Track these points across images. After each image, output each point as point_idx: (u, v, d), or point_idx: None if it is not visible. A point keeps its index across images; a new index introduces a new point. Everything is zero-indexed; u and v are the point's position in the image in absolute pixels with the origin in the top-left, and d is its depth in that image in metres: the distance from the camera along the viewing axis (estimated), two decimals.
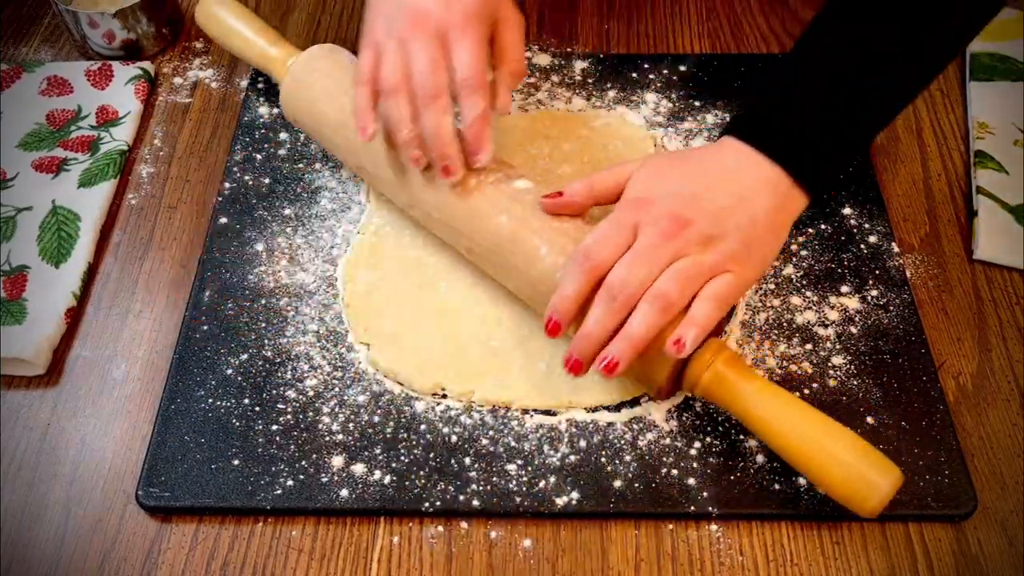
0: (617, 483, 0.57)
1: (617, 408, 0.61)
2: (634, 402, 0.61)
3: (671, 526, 0.57)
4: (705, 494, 0.57)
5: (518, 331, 0.64)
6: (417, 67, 0.58)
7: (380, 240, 0.70)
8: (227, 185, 0.73)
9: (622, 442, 0.59)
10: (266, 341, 0.64)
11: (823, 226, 0.70)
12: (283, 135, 0.76)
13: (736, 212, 0.56)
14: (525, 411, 0.61)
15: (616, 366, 0.53)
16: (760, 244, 0.57)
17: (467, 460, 0.58)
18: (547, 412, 0.61)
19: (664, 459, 0.58)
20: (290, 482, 0.57)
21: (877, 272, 0.67)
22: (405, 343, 0.64)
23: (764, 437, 0.55)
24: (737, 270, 0.55)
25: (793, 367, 0.62)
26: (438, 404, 0.61)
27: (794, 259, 0.68)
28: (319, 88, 0.69)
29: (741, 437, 0.59)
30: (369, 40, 0.61)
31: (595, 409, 0.61)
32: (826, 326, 0.65)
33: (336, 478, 0.58)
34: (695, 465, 0.58)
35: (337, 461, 0.58)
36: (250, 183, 0.73)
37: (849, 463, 0.52)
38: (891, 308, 0.65)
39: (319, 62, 0.70)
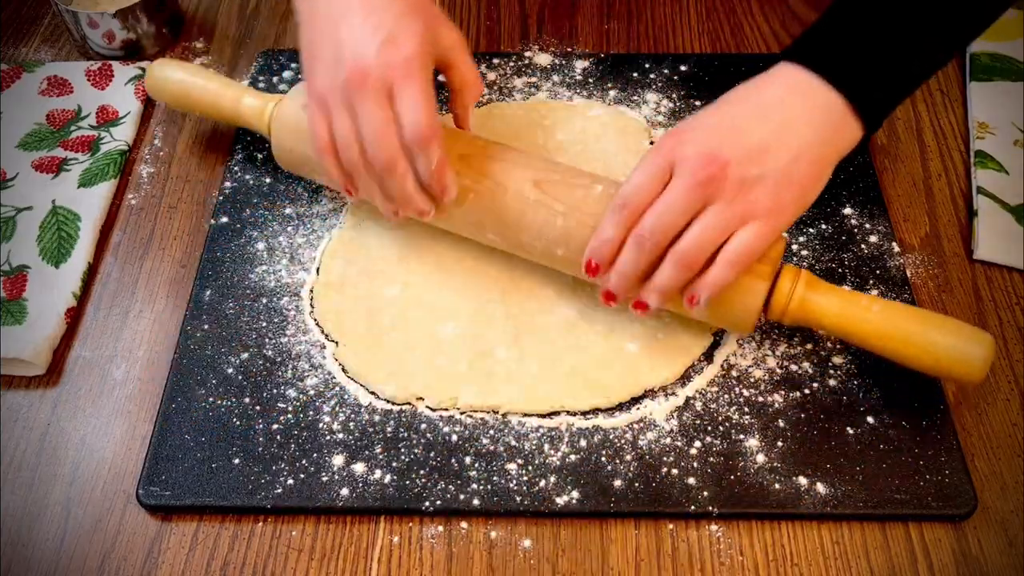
0: (617, 483, 0.57)
1: (613, 412, 0.61)
2: (631, 403, 0.61)
3: (671, 526, 0.57)
4: (705, 494, 0.57)
5: (509, 328, 0.64)
6: (367, 135, 0.57)
7: (360, 233, 0.69)
8: (227, 184, 0.73)
9: (622, 442, 0.59)
10: (267, 340, 0.64)
11: (823, 226, 0.70)
12: None
13: (777, 148, 0.54)
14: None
15: (645, 308, 0.57)
16: (798, 185, 0.55)
17: (467, 459, 0.58)
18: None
19: (664, 459, 0.58)
20: (290, 481, 0.57)
21: (877, 272, 0.67)
22: (377, 345, 0.63)
23: (863, 344, 0.58)
24: (766, 219, 0.54)
25: (793, 367, 0.62)
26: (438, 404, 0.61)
27: (794, 259, 0.68)
28: None
29: (741, 437, 0.59)
30: (316, 95, 0.59)
31: (591, 413, 0.60)
32: None
33: (336, 477, 0.58)
34: (695, 465, 0.58)
35: (337, 460, 0.58)
36: (251, 182, 0.73)
37: (951, 345, 0.56)
38: None
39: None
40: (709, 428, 0.60)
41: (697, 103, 0.78)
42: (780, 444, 0.59)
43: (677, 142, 0.55)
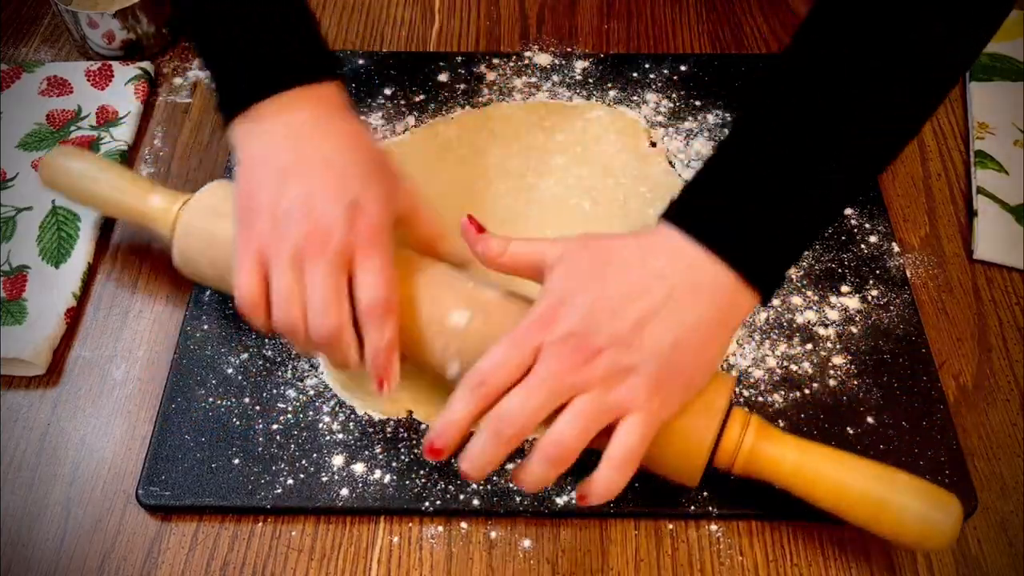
0: None
1: None
2: None
3: (671, 526, 0.57)
4: (705, 494, 0.57)
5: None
6: (316, 301, 0.52)
7: None
8: None
9: None
10: (266, 340, 0.64)
11: None
12: None
13: (659, 331, 0.48)
14: None
15: (527, 486, 0.50)
16: (681, 372, 0.49)
17: None
18: None
19: None
20: (290, 481, 0.57)
21: (877, 272, 0.67)
22: None
23: (815, 502, 0.53)
24: (647, 408, 0.48)
25: (793, 367, 0.62)
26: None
27: None
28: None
29: None
30: (252, 247, 0.53)
31: None
32: (826, 326, 0.65)
33: (336, 477, 0.58)
34: None
35: (337, 460, 0.58)
36: None
37: (911, 508, 0.50)
38: (891, 308, 0.65)
39: (222, 204, 0.60)
40: None
41: (697, 103, 0.78)
42: None
43: (543, 324, 0.49)
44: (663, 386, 0.49)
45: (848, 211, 0.71)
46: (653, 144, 0.75)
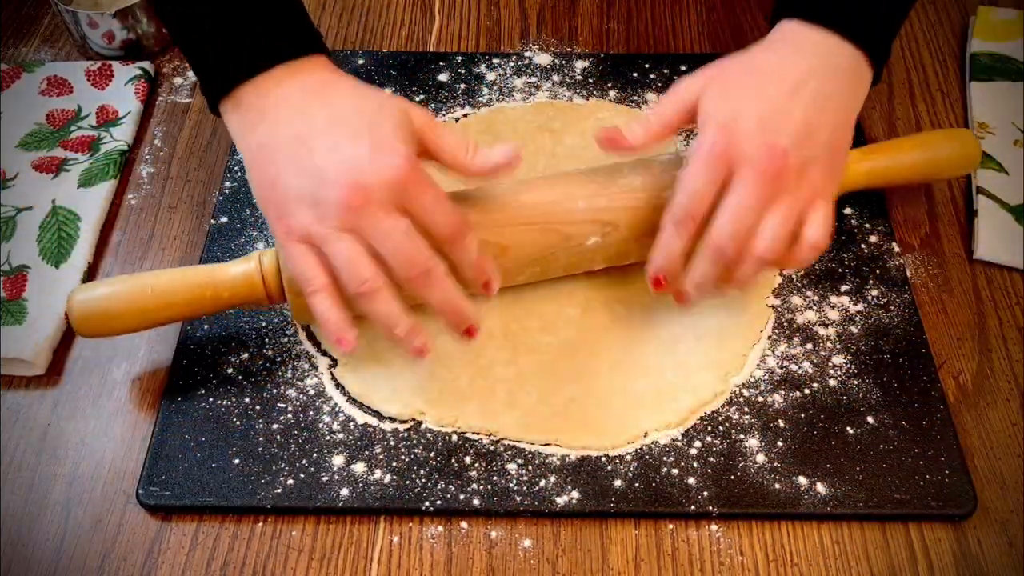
0: (617, 483, 0.57)
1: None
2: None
3: (671, 526, 0.57)
4: (705, 494, 0.57)
5: (507, 345, 0.63)
6: (392, 250, 0.51)
7: None
8: (227, 184, 0.73)
9: None
10: (267, 340, 0.64)
11: None
12: None
13: (820, 124, 0.54)
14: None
15: (703, 291, 0.56)
16: (842, 152, 0.57)
17: (467, 459, 0.58)
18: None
19: (664, 459, 0.58)
20: (290, 481, 0.57)
21: (877, 272, 0.67)
22: (376, 362, 0.62)
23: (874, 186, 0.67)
24: (827, 195, 0.55)
25: (793, 367, 0.62)
26: None
27: None
28: None
29: (741, 437, 0.59)
30: (296, 234, 0.52)
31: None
32: (826, 326, 0.65)
33: (336, 477, 0.58)
34: (695, 465, 0.58)
35: (337, 460, 0.58)
36: None
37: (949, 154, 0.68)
38: (891, 308, 0.65)
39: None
40: (709, 428, 0.60)
41: None
42: (780, 444, 0.59)
43: (727, 140, 0.53)
44: (835, 169, 0.56)
45: (848, 211, 0.71)
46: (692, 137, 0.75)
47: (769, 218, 0.53)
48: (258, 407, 0.61)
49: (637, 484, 0.57)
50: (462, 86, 0.79)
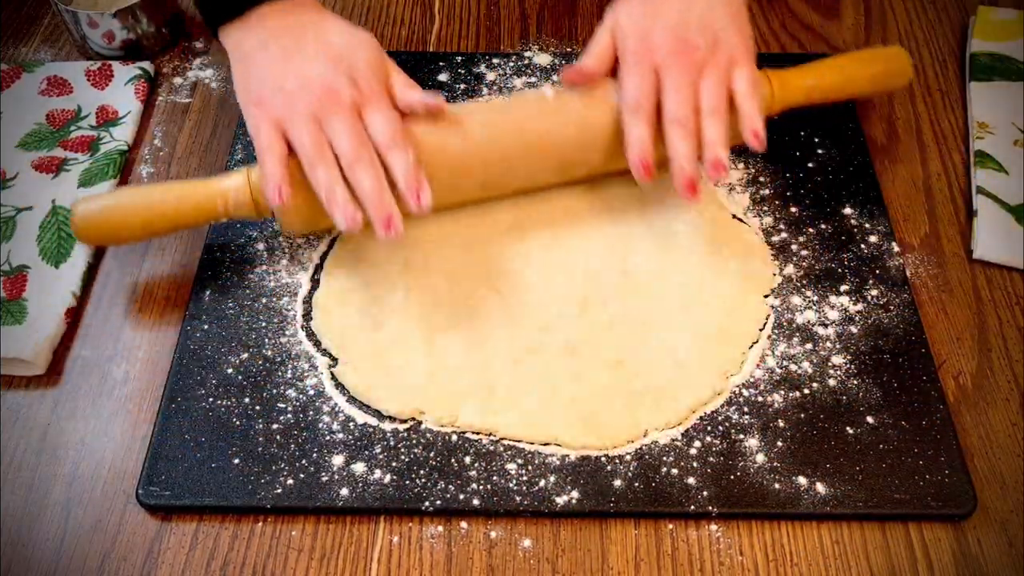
0: (617, 482, 0.57)
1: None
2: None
3: (671, 526, 0.57)
4: (705, 494, 0.57)
5: (509, 344, 0.63)
6: (340, 139, 0.60)
7: (368, 237, 0.68)
8: None
9: None
10: (266, 340, 0.64)
11: (823, 226, 0.70)
12: None
13: (716, 10, 0.65)
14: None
15: (721, 168, 0.61)
16: (744, 21, 0.66)
17: (467, 459, 0.58)
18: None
19: (664, 459, 0.58)
20: (290, 481, 0.58)
21: (877, 272, 0.67)
22: (378, 361, 0.62)
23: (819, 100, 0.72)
24: (743, 56, 0.64)
25: (793, 367, 0.62)
26: None
27: (794, 259, 0.68)
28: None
29: (741, 437, 0.59)
30: (266, 116, 0.62)
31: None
32: (826, 326, 0.65)
33: (336, 477, 0.58)
34: (695, 465, 0.58)
35: (337, 460, 0.58)
36: None
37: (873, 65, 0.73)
38: (891, 308, 0.65)
39: None
40: (709, 428, 0.60)
41: None
42: (780, 444, 0.59)
43: (647, 52, 0.64)
44: (742, 36, 0.65)
45: (848, 211, 0.71)
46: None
47: (703, 84, 0.63)
48: (258, 407, 0.61)
49: (637, 484, 0.57)
50: (462, 86, 0.79)
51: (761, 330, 0.64)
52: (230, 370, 0.63)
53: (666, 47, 0.63)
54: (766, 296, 0.66)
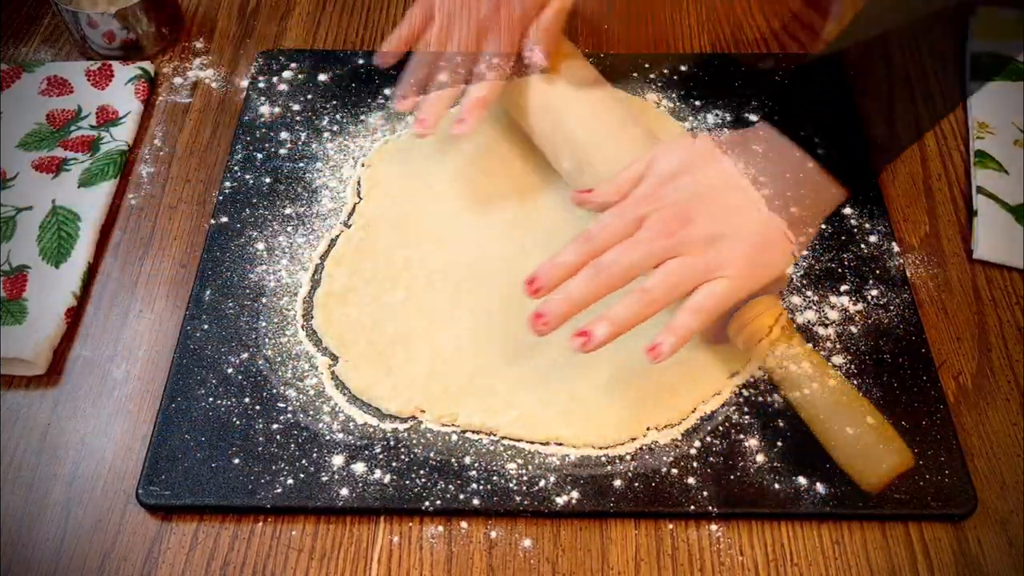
0: (617, 482, 0.57)
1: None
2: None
3: (671, 526, 0.57)
4: (705, 494, 0.57)
5: (510, 341, 0.63)
6: (462, 14, 0.66)
7: (368, 235, 0.69)
8: (227, 184, 0.73)
9: None
10: (267, 340, 0.64)
11: (823, 226, 0.70)
12: (283, 134, 0.76)
13: (747, 211, 0.56)
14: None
15: (588, 340, 0.54)
16: (772, 247, 0.56)
17: (467, 459, 0.58)
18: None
19: (664, 458, 0.58)
20: (290, 481, 0.57)
21: (877, 272, 0.67)
22: (378, 359, 0.62)
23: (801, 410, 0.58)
24: (733, 275, 0.55)
25: (793, 367, 0.62)
26: None
27: None
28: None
29: (741, 437, 0.59)
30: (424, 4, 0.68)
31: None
32: (826, 326, 0.65)
33: (336, 477, 0.58)
34: (695, 465, 0.58)
35: (337, 460, 0.58)
36: (251, 182, 0.73)
37: (857, 436, 0.55)
38: (891, 308, 0.65)
39: None
40: (709, 428, 0.60)
41: (697, 103, 0.78)
42: (780, 444, 0.59)
43: (647, 201, 0.57)
44: (753, 258, 0.56)
45: (848, 211, 0.71)
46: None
47: (662, 267, 0.55)
48: (258, 407, 0.61)
49: (637, 484, 0.57)
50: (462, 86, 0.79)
51: None
52: (230, 370, 0.63)
53: (664, 206, 0.57)
54: None
